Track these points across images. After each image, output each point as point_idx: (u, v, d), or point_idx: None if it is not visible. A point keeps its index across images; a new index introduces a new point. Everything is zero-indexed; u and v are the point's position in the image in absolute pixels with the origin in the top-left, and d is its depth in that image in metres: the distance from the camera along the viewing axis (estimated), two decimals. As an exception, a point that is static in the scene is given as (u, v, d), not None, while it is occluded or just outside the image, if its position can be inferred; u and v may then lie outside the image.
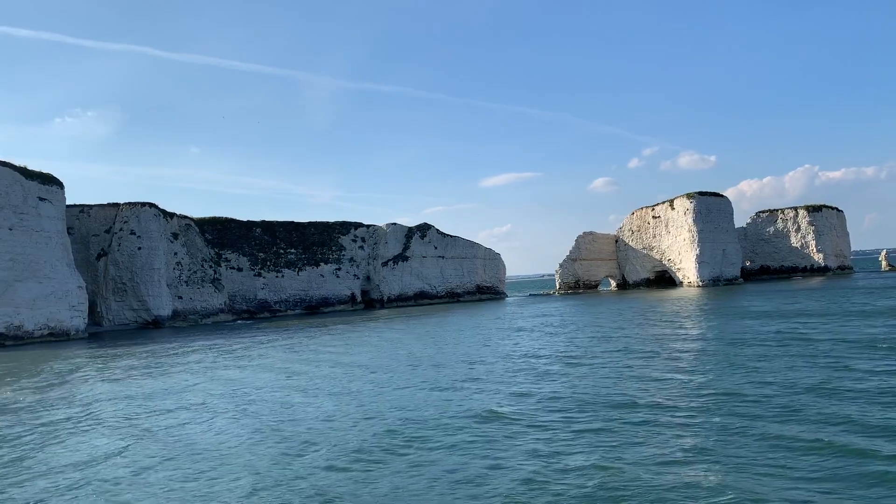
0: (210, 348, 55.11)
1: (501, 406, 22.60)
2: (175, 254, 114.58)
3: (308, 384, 30.57)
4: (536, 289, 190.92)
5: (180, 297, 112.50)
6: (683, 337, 40.52)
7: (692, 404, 21.01)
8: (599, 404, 21.75)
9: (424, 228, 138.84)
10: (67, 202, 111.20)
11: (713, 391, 22.77)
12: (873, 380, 22.66)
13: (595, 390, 24.30)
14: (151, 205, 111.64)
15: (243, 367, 39.37)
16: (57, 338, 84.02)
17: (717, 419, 18.77)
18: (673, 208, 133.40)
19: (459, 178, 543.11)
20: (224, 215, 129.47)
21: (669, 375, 26.62)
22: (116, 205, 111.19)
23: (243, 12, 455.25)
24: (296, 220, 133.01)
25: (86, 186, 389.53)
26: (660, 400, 21.96)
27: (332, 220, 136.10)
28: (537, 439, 17.97)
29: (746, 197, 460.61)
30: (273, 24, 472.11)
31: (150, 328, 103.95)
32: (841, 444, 15.46)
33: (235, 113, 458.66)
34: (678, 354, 32.69)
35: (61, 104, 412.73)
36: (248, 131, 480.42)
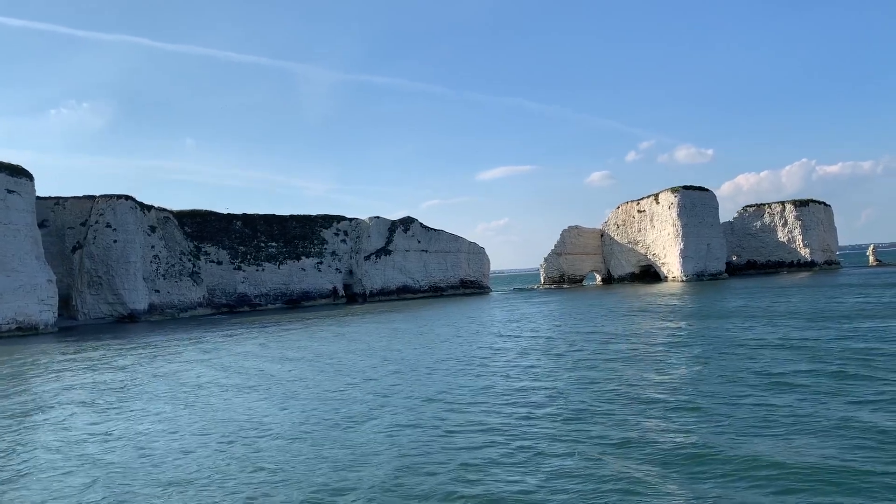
0: (157, 346, 54.10)
1: (324, 423, 21.16)
2: (152, 247, 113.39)
3: (187, 397, 28.11)
4: (533, 281, 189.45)
5: (157, 291, 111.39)
6: (621, 338, 39.46)
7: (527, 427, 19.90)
8: (429, 427, 20.07)
9: (408, 222, 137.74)
10: (54, 194, 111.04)
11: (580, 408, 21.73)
12: (784, 397, 21.60)
13: (455, 410, 22.45)
14: (128, 197, 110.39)
15: (153, 374, 37.70)
16: (25, 332, 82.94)
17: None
18: (658, 202, 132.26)
19: (456, 172, 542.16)
20: (214, 208, 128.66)
21: (558, 387, 25.53)
22: (92, 197, 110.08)
23: (240, 4, 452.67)
24: (277, 213, 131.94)
25: (80, 178, 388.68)
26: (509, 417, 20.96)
27: (314, 213, 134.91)
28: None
29: (743, 191, 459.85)
30: (270, 18, 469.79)
31: (125, 322, 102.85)
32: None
33: (232, 105, 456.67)
34: (595, 361, 31.63)
35: (56, 96, 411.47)
36: (244, 124, 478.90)
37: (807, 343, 31.42)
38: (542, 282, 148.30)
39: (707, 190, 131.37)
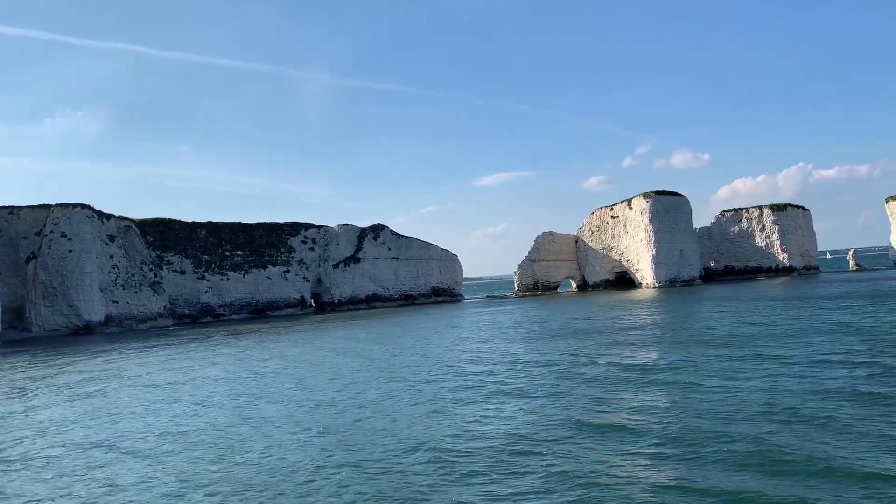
0: (64, 365, 51.60)
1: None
2: (111, 256, 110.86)
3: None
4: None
5: (115, 302, 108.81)
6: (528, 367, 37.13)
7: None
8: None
9: (378, 229, 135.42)
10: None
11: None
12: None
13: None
14: (84, 206, 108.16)
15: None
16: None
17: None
18: (631, 208, 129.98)
19: (453, 177, 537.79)
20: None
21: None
22: (48, 206, 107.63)
23: (233, 10, 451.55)
24: (243, 221, 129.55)
25: (78, 185, 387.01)
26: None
27: (281, 220, 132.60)
28: None
29: (740, 195, 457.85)
30: (265, 24, 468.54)
31: (81, 334, 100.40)
32: None
33: (228, 112, 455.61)
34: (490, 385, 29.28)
35: (51, 103, 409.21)
36: (240, 130, 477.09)
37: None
38: (516, 289, 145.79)
39: (680, 195, 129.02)
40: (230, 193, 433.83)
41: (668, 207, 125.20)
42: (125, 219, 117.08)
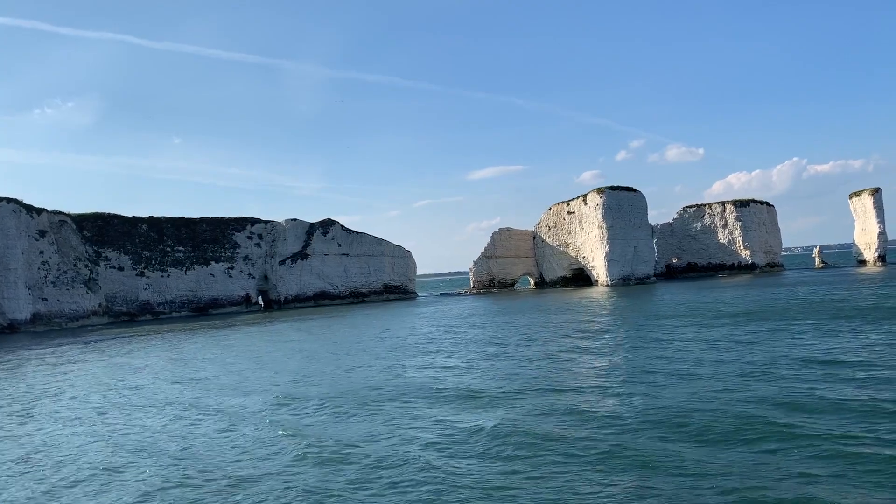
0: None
1: None
2: (41, 252, 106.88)
3: None
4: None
5: (45, 300, 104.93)
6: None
7: None
8: None
9: (327, 225, 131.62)
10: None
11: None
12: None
13: None
14: (10, 200, 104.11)
15: None
16: None
17: None
18: (586, 203, 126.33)
19: (447, 171, 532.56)
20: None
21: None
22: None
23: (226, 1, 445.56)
24: (186, 216, 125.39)
25: (68, 177, 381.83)
26: None
27: (226, 215, 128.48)
28: None
29: (734, 190, 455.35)
30: (257, 15, 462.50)
31: (5, 333, 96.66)
32: None
33: (219, 103, 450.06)
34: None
35: (40, 94, 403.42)
36: (232, 122, 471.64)
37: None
38: (472, 286, 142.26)
39: (635, 191, 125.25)
40: (219, 186, 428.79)
41: (622, 203, 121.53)
42: (59, 213, 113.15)
